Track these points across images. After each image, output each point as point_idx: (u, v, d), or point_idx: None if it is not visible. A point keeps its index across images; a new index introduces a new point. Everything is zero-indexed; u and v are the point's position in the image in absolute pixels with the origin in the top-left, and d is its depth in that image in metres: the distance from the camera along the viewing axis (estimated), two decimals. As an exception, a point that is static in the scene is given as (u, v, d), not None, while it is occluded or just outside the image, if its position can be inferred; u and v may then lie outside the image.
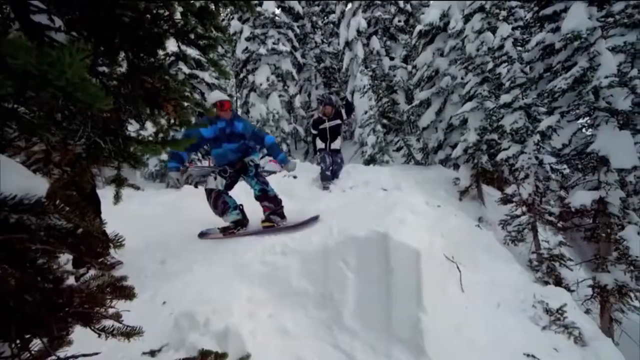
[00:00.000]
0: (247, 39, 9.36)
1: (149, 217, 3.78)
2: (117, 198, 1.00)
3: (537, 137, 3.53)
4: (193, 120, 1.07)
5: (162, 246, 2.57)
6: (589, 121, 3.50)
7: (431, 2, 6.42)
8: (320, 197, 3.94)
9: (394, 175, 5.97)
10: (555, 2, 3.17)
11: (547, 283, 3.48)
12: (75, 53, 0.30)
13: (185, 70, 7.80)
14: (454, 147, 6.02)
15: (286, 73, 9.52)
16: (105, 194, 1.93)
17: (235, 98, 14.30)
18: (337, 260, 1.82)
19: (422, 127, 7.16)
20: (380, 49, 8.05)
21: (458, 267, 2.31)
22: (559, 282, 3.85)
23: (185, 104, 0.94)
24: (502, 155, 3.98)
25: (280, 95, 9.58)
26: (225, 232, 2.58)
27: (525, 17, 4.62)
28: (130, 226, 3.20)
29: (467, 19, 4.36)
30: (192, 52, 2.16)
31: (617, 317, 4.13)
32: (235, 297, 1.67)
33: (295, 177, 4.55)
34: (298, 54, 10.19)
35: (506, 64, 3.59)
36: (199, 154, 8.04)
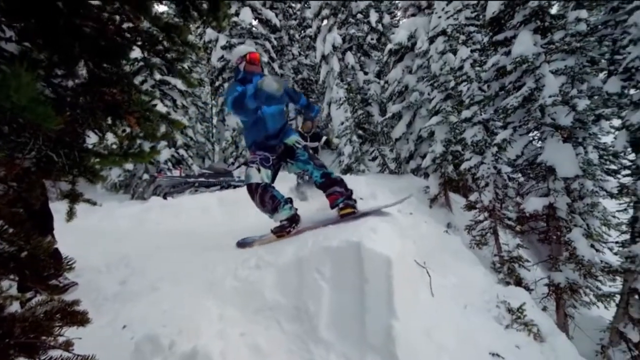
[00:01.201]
0: (223, 48, 9.29)
1: (111, 232, 3.50)
2: (70, 215, 0.92)
3: (495, 149, 3.89)
4: (160, 132, 1.04)
5: (124, 264, 2.38)
6: (537, 135, 3.94)
7: (400, 23, 6.90)
8: (298, 206, 3.96)
9: (369, 184, 6.16)
10: (506, 30, 3.59)
11: (508, 283, 3.77)
12: (23, 74, 0.29)
13: (156, 76, 7.51)
14: (423, 157, 6.40)
15: (263, 83, 9.53)
16: (60, 207, 1.77)
17: (210, 105, 13.96)
18: (312, 271, 1.81)
19: (395, 138, 7.53)
20: (355, 63, 8.43)
21: (428, 272, 2.41)
22: (519, 282, 4.17)
23: (151, 116, 0.92)
24: (465, 165, 4.30)
25: (257, 105, 9.53)
26: (281, 231, 2.17)
27: (482, 40, 5.13)
28: (89, 243, 2.94)
29: (431, 40, 4.76)
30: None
31: (570, 312, 4.55)
32: (205, 316, 1.59)
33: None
34: (275, 65, 10.29)
35: (466, 82, 3.96)
36: (169, 164, 7.68)
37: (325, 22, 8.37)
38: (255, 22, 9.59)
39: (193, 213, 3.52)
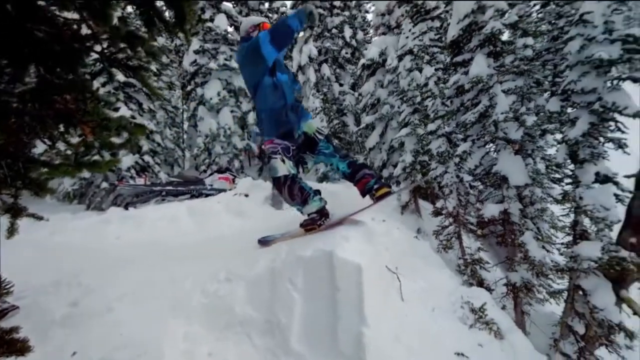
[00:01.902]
0: (196, 52, 9.06)
1: (62, 247, 3.16)
2: (11, 231, 0.83)
3: (457, 159, 4.22)
4: (116, 140, 0.99)
5: (76, 282, 2.15)
6: (493, 147, 4.35)
7: (372, 40, 7.30)
8: (272, 216, 3.89)
9: (345, 193, 6.28)
10: (464, 52, 3.98)
11: (472, 284, 4.02)
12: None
13: (120, 77, 7.07)
14: (395, 166, 6.71)
15: (239, 89, 9.42)
16: (4, 221, 1.58)
17: (181, 110, 13.39)
18: (284, 282, 1.80)
19: (369, 148, 7.80)
20: (330, 75, 8.69)
21: (398, 278, 2.51)
22: (481, 282, 4.48)
23: (109, 124, 0.87)
24: (431, 174, 4.60)
25: (232, 111, 9.36)
26: (311, 224, 2.03)
27: (444, 61, 5.60)
28: (37, 259, 2.62)
29: (400, 58, 5.10)
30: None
31: (526, 310, 4.96)
32: (169, 336, 1.49)
33: (246, 195, 4.42)
34: (251, 72, 10.22)
35: (430, 98, 4.30)
36: (132, 171, 7.17)
37: (301, 33, 8.57)
38: (230, 29, 9.52)
39: (159, 224, 3.30)
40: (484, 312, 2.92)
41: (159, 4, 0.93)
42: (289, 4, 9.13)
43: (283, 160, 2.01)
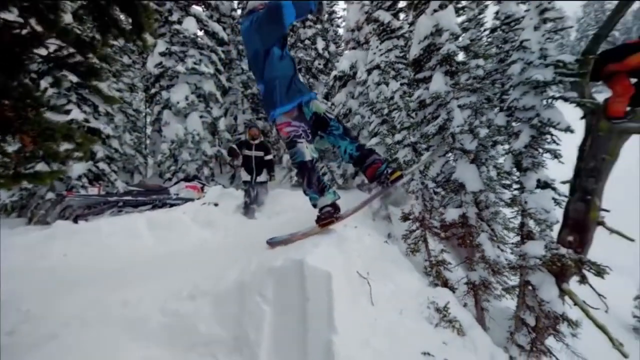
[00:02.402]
0: (162, 54, 8.64)
1: (-7, 269, 2.73)
2: None
3: (421, 167, 4.51)
4: (65, 148, 0.90)
5: (13, 308, 1.88)
6: (451, 156, 4.73)
7: (344, 53, 7.60)
8: (244, 226, 3.78)
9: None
10: (425, 70, 4.33)
11: (437, 285, 4.27)
12: None
13: (73, 77, 6.45)
14: (367, 173, 6.96)
15: (209, 94, 9.13)
16: None
17: (144, 114, 12.55)
18: (254, 296, 1.75)
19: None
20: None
21: (369, 283, 2.58)
22: (445, 283, 4.76)
23: (54, 134, 0.80)
24: (399, 181, 4.85)
25: (201, 116, 9.01)
26: (329, 218, 1.93)
27: (409, 76, 6.02)
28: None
29: (369, 72, 5.38)
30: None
31: (485, 306, 5.36)
32: (123, 362, 1.37)
33: (216, 204, 4.24)
34: (223, 77, 10.00)
35: (396, 110, 4.59)
36: (84, 180, 6.50)
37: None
38: (200, 33, 9.26)
39: (113, 239, 3.00)
40: (447, 311, 3.10)
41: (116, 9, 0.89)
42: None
43: (307, 146, 1.92)
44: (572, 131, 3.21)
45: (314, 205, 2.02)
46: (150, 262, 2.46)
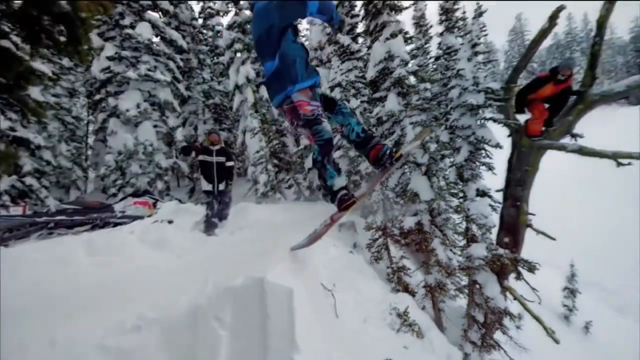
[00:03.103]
0: (111, 59, 7.94)
1: None
2: None
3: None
4: None
5: None
6: (407, 169, 5.14)
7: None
8: (203, 244, 3.52)
9: (286, 212, 6.25)
10: (381, 91, 4.73)
11: (398, 291, 4.49)
12: None
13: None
14: (332, 185, 7.14)
15: (165, 103, 8.58)
16: None
17: (86, 121, 11.20)
18: (209, 320, 1.62)
19: (308, 168, 8.10)
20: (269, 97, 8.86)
21: (333, 295, 2.61)
22: (406, 288, 5.02)
23: None
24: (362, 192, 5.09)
25: (155, 126, 8.38)
26: (348, 200, 1.83)
27: (369, 94, 6.47)
28: None
29: (331, 89, 5.66)
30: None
31: (442, 307, 5.76)
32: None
33: (170, 221, 3.89)
34: (181, 86, 9.52)
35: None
36: (6, 198, 5.48)
37: (239, 54, 8.58)
38: (156, 39, 8.79)
39: (41, 267, 2.52)
40: (407, 316, 3.28)
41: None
42: (224, 21, 9.13)
43: (327, 125, 1.85)
44: (501, 147, 3.78)
45: (330, 187, 1.94)
46: (87, 293, 2.13)
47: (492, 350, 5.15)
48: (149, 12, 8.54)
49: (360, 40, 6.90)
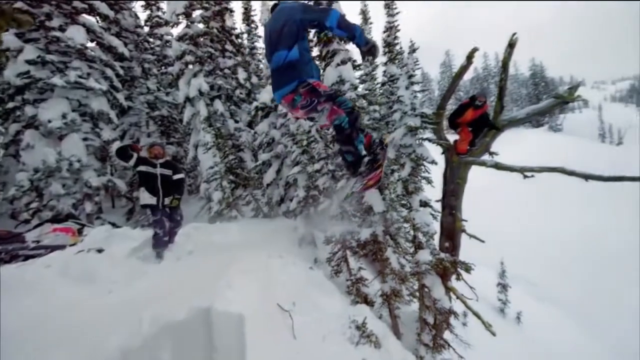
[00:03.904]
0: (31, 63, 6.84)
1: None
2: None
3: (339, 193, 5.02)
4: None
5: None
6: (362, 183, 5.49)
7: (266, 87, 7.97)
8: (141, 275, 3.09)
9: (242, 231, 5.97)
10: (335, 110, 5.04)
11: (357, 302, 4.61)
12: None
13: None
14: (292, 200, 7.13)
15: (99, 113, 7.64)
16: None
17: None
18: (145, 363, 1.45)
19: (267, 184, 7.97)
20: (224, 111, 8.60)
21: (291, 316, 2.56)
22: (365, 299, 5.19)
23: None
24: (321, 207, 5.21)
25: (86, 139, 7.35)
26: (380, 161, 2.01)
27: (324, 112, 6.79)
28: None
29: (288, 106, 5.83)
30: None
31: (398, 314, 6.07)
32: None
33: (100, 250, 3.35)
34: (121, 95, 8.64)
35: (314, 142, 5.08)
36: None
37: (190, 66, 8.24)
38: (92, 45, 7.92)
39: None
40: (365, 327, 3.37)
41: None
42: (175, 32, 8.71)
43: None
44: (436, 163, 4.34)
45: (359, 153, 2.05)
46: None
47: (442, 350, 5.57)
48: (84, 15, 7.69)
49: (317, 63, 7.35)
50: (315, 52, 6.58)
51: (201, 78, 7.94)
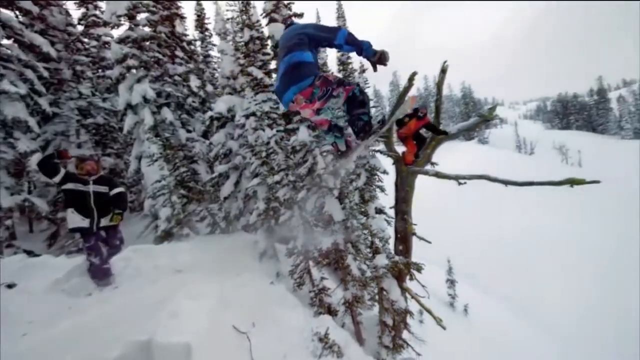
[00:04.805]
0: None
1: None
2: None
3: (299, 204, 5.06)
4: None
5: None
6: (321, 194, 5.61)
7: (222, 96, 7.70)
8: (65, 312, 2.58)
9: (195, 251, 5.50)
10: (292, 123, 5.14)
11: (321, 313, 4.62)
12: None
13: None
14: (251, 213, 6.87)
15: (14, 121, 6.41)
16: None
17: None
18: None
19: (224, 197, 7.56)
20: (174, 120, 7.98)
21: (248, 337, 2.44)
22: (329, 308, 5.23)
23: None
24: (282, 219, 5.15)
25: (-6, 152, 6.06)
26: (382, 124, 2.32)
27: (284, 125, 6.84)
28: None
29: (246, 117, 5.72)
30: None
31: (360, 320, 6.23)
32: None
33: (11, 285, 2.72)
34: (44, 101, 7.42)
35: (274, 154, 5.06)
36: None
37: (134, 71, 7.52)
38: (8, 42, 6.70)
39: None
40: (327, 337, 3.39)
41: None
42: (115, 33, 7.84)
43: None
44: (387, 173, 4.72)
45: (369, 113, 2.29)
46: None
47: (401, 349, 5.87)
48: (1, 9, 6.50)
49: (275, 75, 7.40)
50: (272, 65, 6.67)
51: (146, 84, 7.29)
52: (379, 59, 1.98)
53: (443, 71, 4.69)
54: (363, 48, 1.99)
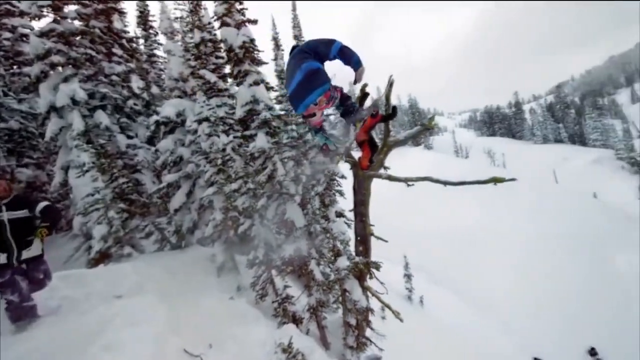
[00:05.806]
0: None
1: None
2: None
3: (260, 212, 4.93)
4: None
5: None
6: (282, 200, 5.57)
7: (170, 100, 7.11)
8: (12, 345, 2.08)
9: (139, 272, 4.87)
10: (251, 129, 5.03)
11: (285, 323, 4.52)
12: None
13: None
14: (207, 225, 6.41)
15: None
16: None
17: None
18: None
19: (174, 209, 6.92)
20: (112, 125, 7.07)
21: None
22: (293, 317, 5.15)
23: None
24: (241, 229, 4.94)
25: None
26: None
27: (242, 131, 6.64)
28: None
29: (199, 122, 5.40)
30: None
31: (325, 324, 6.26)
32: None
33: None
34: None
35: (230, 161, 4.86)
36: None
37: (60, 69, 6.48)
38: None
39: None
40: (291, 347, 3.34)
41: None
42: (36, 25, 6.68)
43: None
44: (345, 177, 4.92)
45: (356, 107, 2.69)
46: None
47: (365, 347, 6.07)
48: None
49: (230, 80, 7.14)
50: (227, 70, 6.46)
51: (76, 83, 6.34)
52: (359, 73, 2.33)
53: (390, 84, 5.14)
54: (352, 61, 2.30)
